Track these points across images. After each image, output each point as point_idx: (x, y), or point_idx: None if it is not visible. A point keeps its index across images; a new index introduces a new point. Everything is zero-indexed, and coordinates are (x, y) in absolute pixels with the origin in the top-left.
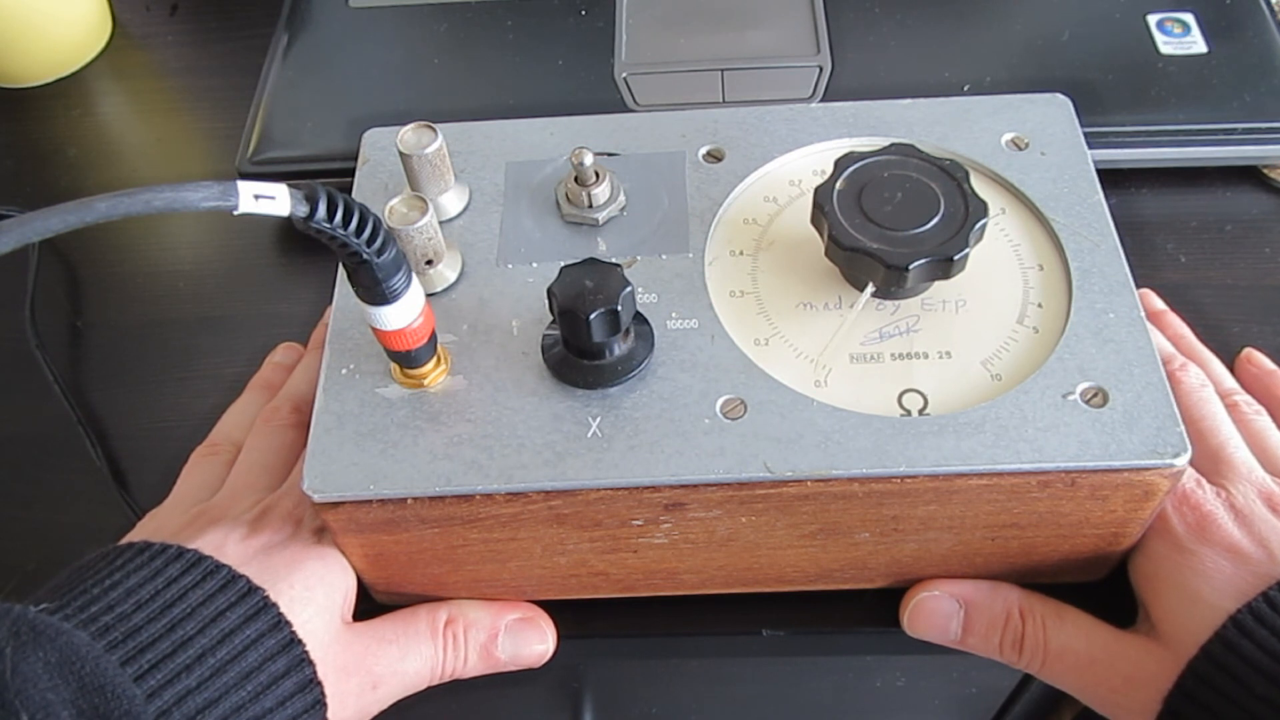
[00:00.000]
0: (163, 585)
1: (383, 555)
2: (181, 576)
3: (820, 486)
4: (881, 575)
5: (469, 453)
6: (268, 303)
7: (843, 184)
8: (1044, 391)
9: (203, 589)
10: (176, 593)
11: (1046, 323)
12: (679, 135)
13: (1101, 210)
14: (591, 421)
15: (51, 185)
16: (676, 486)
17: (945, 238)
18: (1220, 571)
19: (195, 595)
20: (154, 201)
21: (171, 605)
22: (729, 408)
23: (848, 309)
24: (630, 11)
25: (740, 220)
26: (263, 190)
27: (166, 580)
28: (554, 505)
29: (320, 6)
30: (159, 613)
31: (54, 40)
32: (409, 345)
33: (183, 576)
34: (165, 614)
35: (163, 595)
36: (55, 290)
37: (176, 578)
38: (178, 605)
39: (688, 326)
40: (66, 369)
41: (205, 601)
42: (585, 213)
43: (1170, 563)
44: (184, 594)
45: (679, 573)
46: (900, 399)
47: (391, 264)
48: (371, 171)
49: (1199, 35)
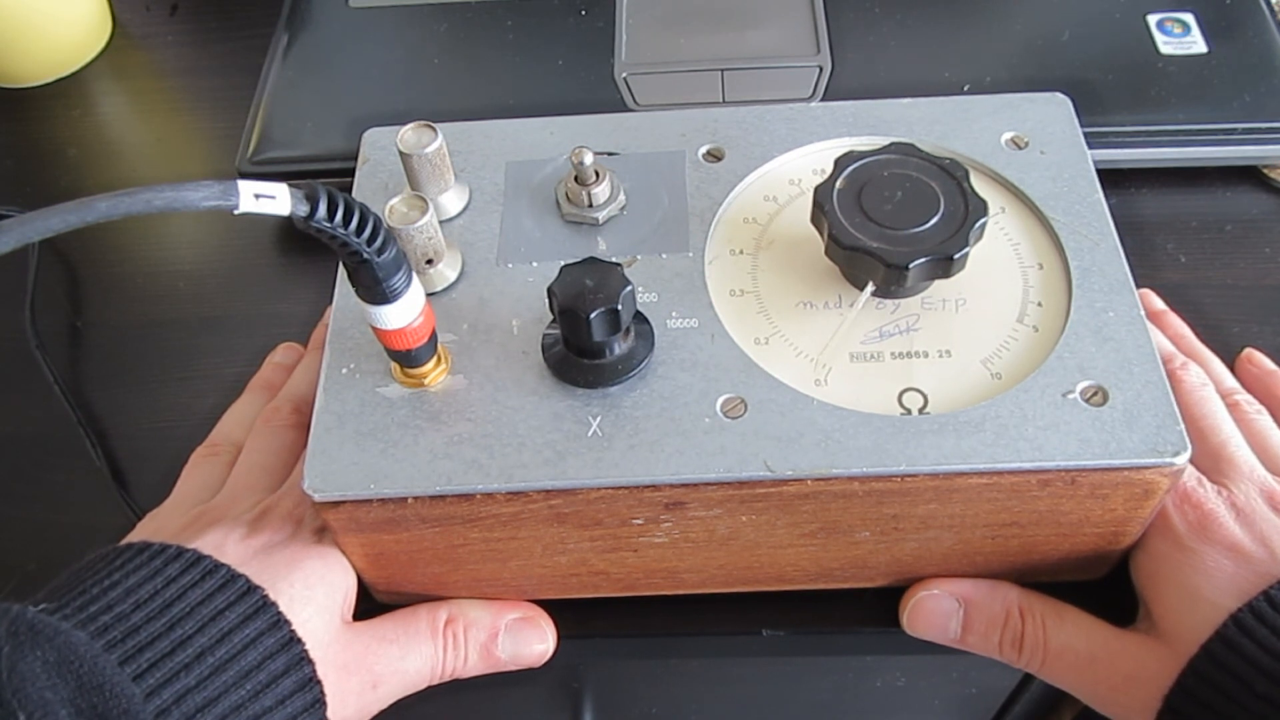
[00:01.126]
0: (161, 585)
1: (383, 555)
2: (180, 576)
3: (820, 485)
4: (882, 574)
5: (469, 452)
6: (268, 303)
7: (843, 183)
8: (1044, 390)
9: (201, 588)
10: (175, 592)
11: (1046, 321)
12: (679, 135)
13: (1101, 209)
14: (592, 420)
15: (51, 185)
16: (677, 485)
17: (945, 236)
18: (1221, 570)
19: (194, 594)
20: (154, 201)
21: (170, 605)
22: (729, 407)
23: (848, 308)
24: (630, 11)
25: (740, 219)
26: (263, 190)
27: (165, 580)
28: (554, 504)
29: (320, 6)
30: (158, 612)
31: (54, 40)
32: (409, 345)
33: (181, 576)
34: (164, 613)
35: (161, 595)
36: (55, 290)
37: (175, 577)
38: (176, 605)
39: (688, 326)
40: (66, 369)
41: (204, 601)
42: (585, 212)
43: (1171, 561)
44: (183, 593)
45: (679, 572)
46: (900, 398)
47: (392, 263)
48: (371, 171)
49: (1199, 35)
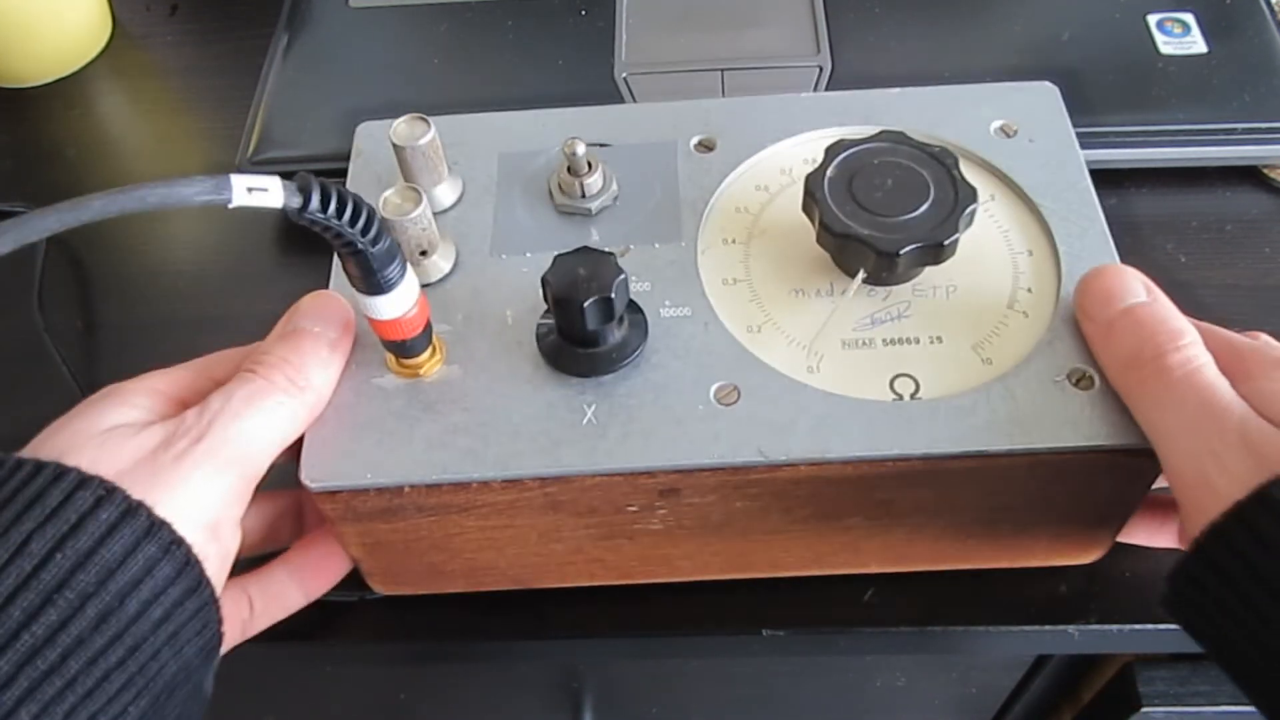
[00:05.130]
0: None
1: (380, 544)
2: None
3: (814, 470)
4: (875, 559)
5: (465, 441)
6: (268, 303)
7: (833, 171)
8: (1034, 375)
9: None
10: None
11: (1036, 307)
12: (670, 125)
13: (1089, 195)
14: (586, 409)
15: (51, 185)
16: (671, 472)
17: (935, 223)
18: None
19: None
20: (149, 198)
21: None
22: (723, 394)
23: (839, 295)
24: (630, 11)
25: (732, 209)
26: (256, 183)
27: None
28: (550, 492)
29: (320, 6)
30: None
31: (54, 40)
32: (404, 335)
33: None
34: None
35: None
36: (56, 291)
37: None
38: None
39: (681, 314)
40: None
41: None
42: (578, 202)
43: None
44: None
45: (674, 559)
46: (892, 384)
47: (386, 254)
48: (365, 164)
49: (1199, 35)
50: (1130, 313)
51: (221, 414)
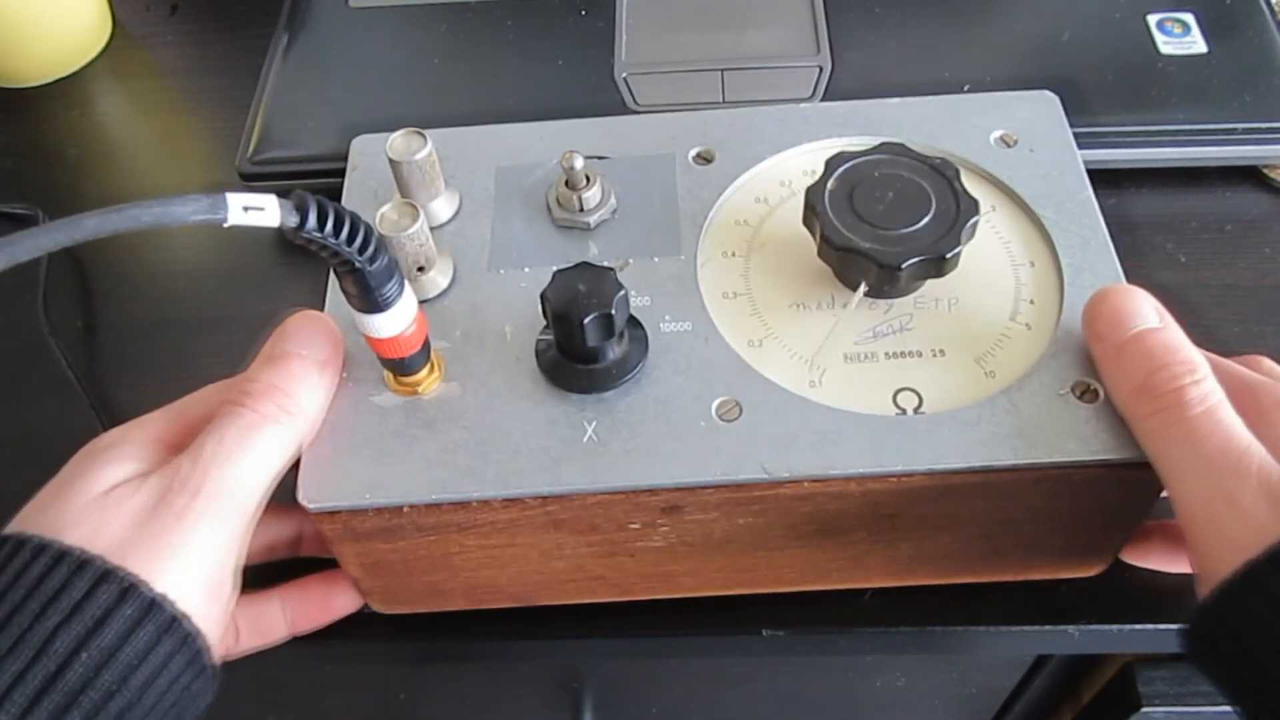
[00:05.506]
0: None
1: (380, 564)
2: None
3: (817, 486)
4: (879, 574)
5: (464, 459)
6: (268, 302)
7: (834, 184)
8: (1038, 388)
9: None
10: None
11: (1039, 319)
12: (669, 137)
13: (1091, 205)
14: (587, 426)
15: (51, 185)
16: (673, 489)
17: (937, 236)
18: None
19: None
20: (143, 217)
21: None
22: (724, 409)
23: (841, 309)
24: (630, 11)
25: (732, 222)
26: (251, 202)
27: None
28: (551, 510)
29: (320, 6)
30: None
31: (54, 40)
32: (402, 353)
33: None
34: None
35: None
36: (57, 292)
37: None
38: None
39: (681, 329)
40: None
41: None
42: (576, 216)
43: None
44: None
45: (677, 575)
46: (895, 398)
47: (383, 271)
48: (361, 178)
49: (1199, 35)
50: (1141, 338)
51: (215, 459)
